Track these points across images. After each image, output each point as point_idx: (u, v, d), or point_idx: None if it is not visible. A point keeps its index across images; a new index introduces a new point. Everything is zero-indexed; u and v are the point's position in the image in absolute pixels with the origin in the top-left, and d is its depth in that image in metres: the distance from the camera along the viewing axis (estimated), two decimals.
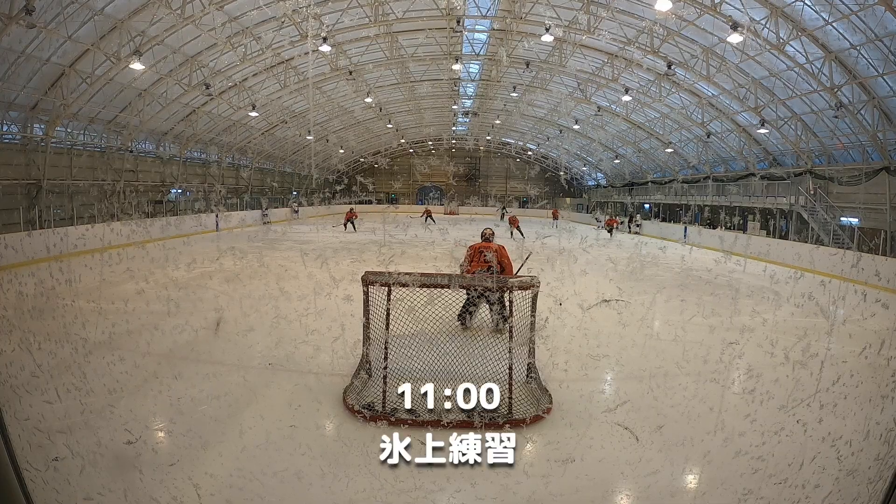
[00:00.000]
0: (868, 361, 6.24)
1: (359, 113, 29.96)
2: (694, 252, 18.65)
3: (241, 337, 6.46)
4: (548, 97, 27.16)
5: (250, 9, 16.07)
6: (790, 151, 20.30)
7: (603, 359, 5.96)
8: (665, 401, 4.84)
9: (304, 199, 34.76)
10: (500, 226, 24.11)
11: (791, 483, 3.46)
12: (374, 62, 22.39)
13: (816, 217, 19.26)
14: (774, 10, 14.29)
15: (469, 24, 20.01)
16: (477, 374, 4.89)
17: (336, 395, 4.72)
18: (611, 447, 3.99)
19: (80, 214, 16.11)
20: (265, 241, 18.15)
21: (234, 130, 25.81)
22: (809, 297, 10.27)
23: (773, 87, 17.84)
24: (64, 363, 5.29)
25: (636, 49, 18.56)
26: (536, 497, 3.34)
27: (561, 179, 40.66)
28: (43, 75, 15.06)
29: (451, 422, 4.20)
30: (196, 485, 3.31)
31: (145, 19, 14.69)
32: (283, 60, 20.71)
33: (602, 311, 8.37)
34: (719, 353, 6.30)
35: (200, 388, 4.81)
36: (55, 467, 3.35)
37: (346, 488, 3.38)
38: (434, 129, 37.39)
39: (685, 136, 25.52)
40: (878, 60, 13.97)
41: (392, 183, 44.82)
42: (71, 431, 3.84)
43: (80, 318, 7.00)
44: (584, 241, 19.21)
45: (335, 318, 7.37)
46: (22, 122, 16.03)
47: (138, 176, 21.69)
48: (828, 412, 4.55)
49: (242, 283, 9.73)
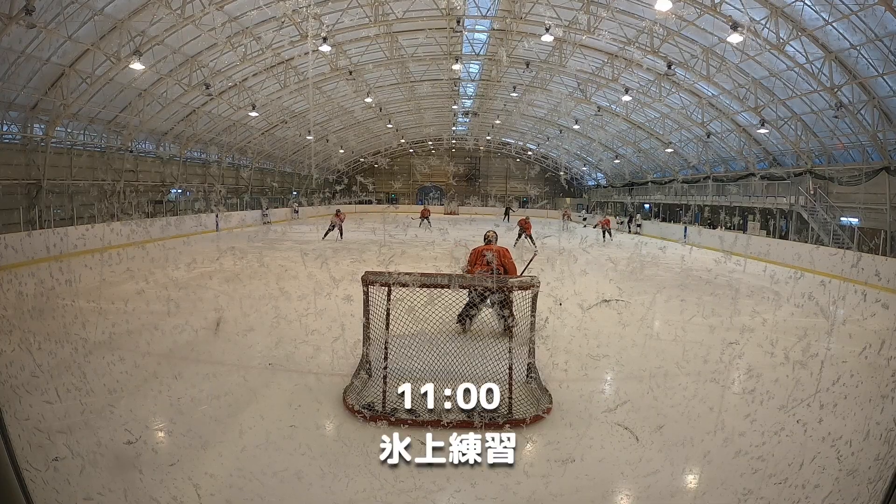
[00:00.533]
0: (868, 361, 6.24)
1: (359, 113, 29.96)
2: (694, 252, 18.66)
3: (241, 337, 6.46)
4: (548, 97, 27.16)
5: (250, 9, 16.06)
6: (790, 151, 20.30)
7: (603, 359, 5.96)
8: (665, 401, 4.84)
9: (304, 199, 34.77)
10: (501, 226, 24.07)
11: (791, 483, 3.46)
12: (374, 62, 22.40)
13: (816, 217, 19.26)
14: (774, 10, 14.29)
15: (469, 24, 20.01)
16: (477, 374, 4.89)
17: (336, 395, 4.71)
18: (611, 447, 3.99)
19: (80, 214, 16.12)
20: (265, 241, 18.15)
21: (234, 130, 25.82)
22: (809, 297, 10.27)
23: (773, 87, 17.84)
24: (64, 363, 5.29)
25: (636, 49, 18.56)
26: (536, 497, 3.34)
27: (561, 179, 40.66)
28: (43, 75, 15.06)
29: (451, 422, 4.20)
30: (196, 485, 3.31)
31: (145, 19, 14.68)
32: (283, 60, 20.71)
33: (602, 311, 8.37)
34: (719, 353, 6.30)
35: (200, 388, 4.81)
36: (55, 467, 3.35)
37: (346, 488, 3.38)
38: (434, 129, 37.39)
39: (685, 136, 25.52)
40: (878, 60, 13.97)
41: (392, 183, 44.82)
42: (71, 431, 3.84)
43: (80, 318, 6.99)
44: (584, 241, 19.20)
45: (335, 318, 7.37)
46: (22, 122, 16.03)
47: (138, 176, 21.69)
48: (828, 412, 4.55)
49: (242, 283, 9.73)
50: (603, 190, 39.14)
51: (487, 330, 6.21)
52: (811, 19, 14.10)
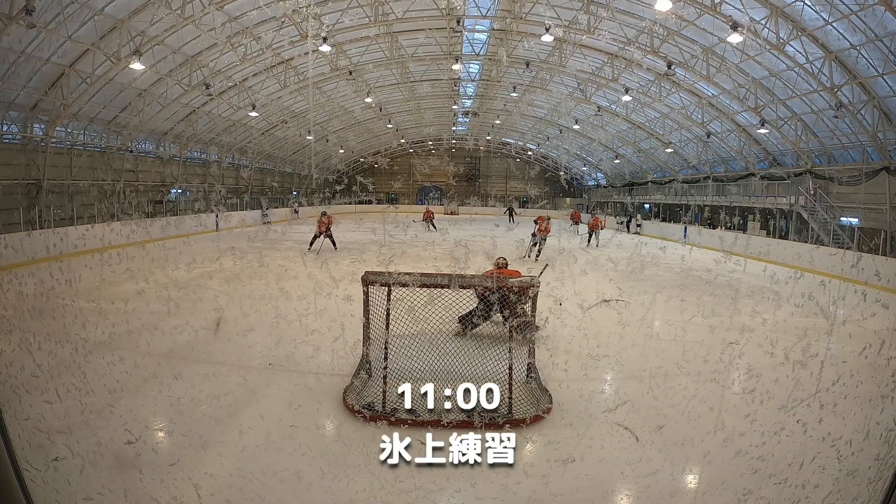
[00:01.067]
0: (868, 361, 6.24)
1: (359, 113, 29.96)
2: (694, 252, 18.66)
3: (241, 337, 6.46)
4: (548, 97, 27.15)
5: (250, 9, 16.06)
6: (790, 151, 20.29)
7: (603, 359, 5.95)
8: (665, 401, 4.84)
9: (304, 199, 34.78)
10: (501, 226, 23.95)
11: (791, 483, 3.46)
12: (374, 62, 22.39)
13: (816, 217, 19.26)
14: (774, 10, 14.28)
15: (469, 24, 20.00)
16: (477, 374, 4.89)
17: (336, 395, 4.71)
18: (611, 447, 3.99)
19: (80, 214, 16.11)
20: (265, 241, 18.15)
21: (234, 130, 25.81)
22: (809, 297, 10.27)
23: (773, 87, 17.84)
24: (64, 363, 5.29)
25: (636, 49, 18.55)
26: (536, 497, 3.34)
27: (561, 179, 40.67)
28: (43, 75, 15.05)
29: (451, 422, 4.19)
30: (196, 485, 3.31)
31: (145, 19, 14.68)
32: (283, 60, 20.70)
33: (602, 311, 8.37)
34: (719, 353, 6.30)
35: (200, 388, 4.81)
36: (55, 467, 3.35)
37: (346, 488, 3.37)
38: (434, 129, 37.38)
39: (685, 136, 25.52)
40: (878, 60, 13.97)
41: (392, 183, 44.82)
42: (71, 431, 3.84)
43: (80, 318, 6.99)
44: (583, 240, 19.19)
45: (335, 318, 7.37)
46: (22, 122, 16.02)
47: (138, 176, 21.68)
48: (828, 412, 4.55)
49: (242, 283, 9.72)
50: (603, 190, 39.13)
51: (487, 330, 6.21)
52: (811, 19, 14.09)
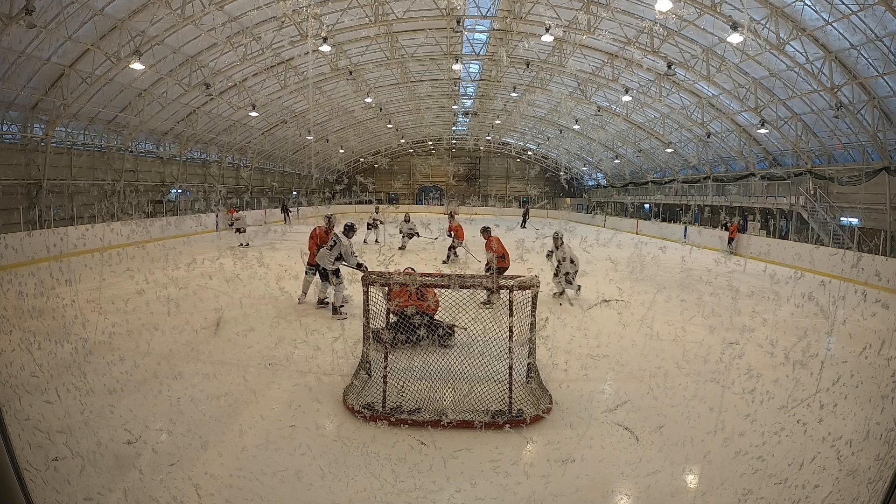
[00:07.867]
0: (868, 361, 6.24)
1: (359, 113, 29.97)
2: (694, 252, 18.66)
3: (241, 337, 6.45)
4: (548, 97, 27.16)
5: (250, 9, 16.07)
6: (790, 151, 20.30)
7: (603, 359, 5.95)
8: (665, 401, 4.83)
9: (304, 199, 34.78)
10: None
11: (791, 483, 3.46)
12: (374, 62, 22.41)
13: (816, 217, 19.26)
14: (774, 10, 14.29)
15: (469, 24, 20.01)
16: (477, 374, 4.89)
17: (336, 395, 4.71)
18: (611, 447, 3.98)
19: (80, 214, 16.11)
20: (265, 241, 18.15)
21: (234, 130, 25.82)
22: (809, 297, 10.27)
23: (773, 87, 17.85)
24: (64, 363, 5.29)
25: (636, 49, 18.56)
26: (536, 497, 3.33)
27: (561, 179, 40.70)
28: (43, 75, 15.06)
29: (451, 422, 4.19)
30: (196, 485, 3.30)
31: (145, 19, 14.69)
32: (283, 60, 20.72)
33: (602, 311, 8.37)
34: (719, 353, 6.30)
35: (200, 388, 4.80)
36: (55, 467, 3.35)
37: (346, 488, 3.37)
38: (434, 129, 37.41)
39: (685, 136, 25.52)
40: (878, 60, 13.97)
41: (392, 183, 44.86)
42: (71, 431, 3.84)
43: (80, 318, 6.99)
44: (583, 241, 19.19)
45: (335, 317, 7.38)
46: (22, 122, 16.03)
47: (138, 176, 21.70)
48: (828, 412, 4.55)
49: (242, 283, 9.72)
50: (603, 190, 39.14)
51: (488, 330, 6.20)
52: (811, 19, 14.10)
